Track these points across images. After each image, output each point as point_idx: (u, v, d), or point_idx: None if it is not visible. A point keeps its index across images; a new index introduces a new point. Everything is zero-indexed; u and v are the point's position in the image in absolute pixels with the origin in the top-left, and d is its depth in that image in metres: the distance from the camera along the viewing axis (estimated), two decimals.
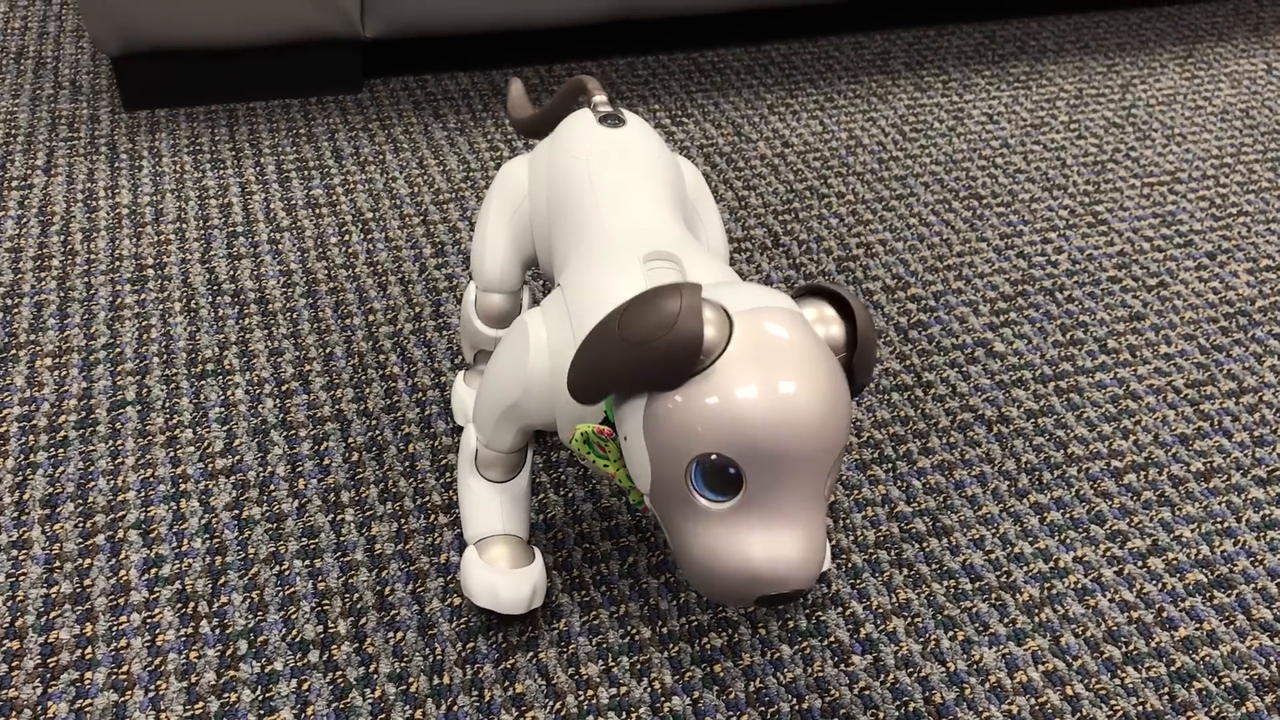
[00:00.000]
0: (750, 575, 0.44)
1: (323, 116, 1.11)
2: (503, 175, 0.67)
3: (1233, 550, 0.70)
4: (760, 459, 0.43)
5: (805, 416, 0.44)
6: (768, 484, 0.44)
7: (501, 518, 0.61)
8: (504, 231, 0.66)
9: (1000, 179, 1.06)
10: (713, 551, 0.45)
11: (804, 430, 0.44)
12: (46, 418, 0.75)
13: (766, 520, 0.44)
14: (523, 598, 0.60)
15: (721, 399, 0.44)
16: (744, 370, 0.44)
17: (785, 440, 0.43)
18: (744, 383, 0.44)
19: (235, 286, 0.88)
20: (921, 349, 0.84)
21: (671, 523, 0.46)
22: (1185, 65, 1.28)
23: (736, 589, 0.45)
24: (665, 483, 0.46)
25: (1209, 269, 0.95)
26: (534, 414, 0.56)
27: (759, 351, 0.44)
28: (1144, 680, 0.62)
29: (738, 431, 0.43)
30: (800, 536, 0.44)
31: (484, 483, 0.61)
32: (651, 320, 0.44)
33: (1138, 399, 0.81)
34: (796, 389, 0.44)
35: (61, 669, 0.60)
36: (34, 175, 1.01)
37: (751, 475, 0.44)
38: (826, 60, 1.26)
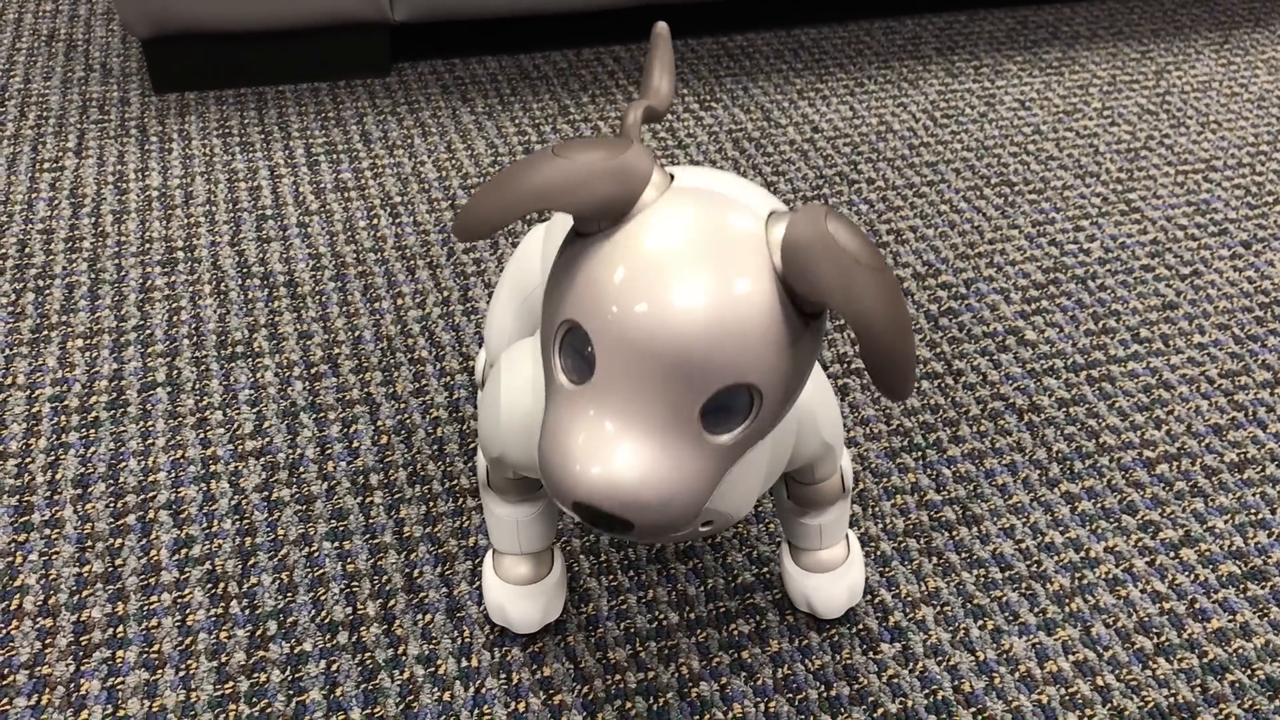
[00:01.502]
0: (566, 471, 0.39)
1: (351, 100, 1.11)
2: (520, 248, 0.63)
3: (1267, 542, 0.69)
4: (611, 341, 0.38)
5: (672, 315, 0.38)
6: (616, 377, 0.39)
7: (517, 538, 0.59)
8: (512, 314, 0.62)
9: (1032, 166, 1.05)
10: (550, 433, 0.40)
11: (663, 328, 0.38)
12: (78, 398, 0.76)
13: (605, 420, 0.39)
14: (530, 619, 0.60)
15: (600, 263, 0.39)
16: (640, 241, 0.39)
17: (639, 330, 0.38)
18: (630, 254, 0.39)
19: (264, 269, 0.88)
20: (952, 337, 0.84)
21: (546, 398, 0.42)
22: (1221, 51, 1.26)
23: (555, 483, 0.40)
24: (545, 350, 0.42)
25: (1244, 258, 0.93)
26: (522, 465, 0.53)
27: (670, 228, 0.39)
28: (1176, 672, 0.61)
29: (597, 302, 0.39)
30: (630, 454, 0.39)
31: (500, 504, 0.58)
32: (599, 147, 0.39)
33: (1170, 389, 0.80)
34: (680, 282, 0.38)
35: (94, 647, 0.60)
36: (65, 158, 1.01)
37: (601, 358, 0.39)
38: (857, 45, 1.25)
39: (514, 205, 0.39)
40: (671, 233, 0.39)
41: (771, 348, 0.39)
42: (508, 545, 0.60)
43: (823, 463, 0.55)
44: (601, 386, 0.39)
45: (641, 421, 0.39)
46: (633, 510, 0.39)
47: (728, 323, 0.38)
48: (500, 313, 0.63)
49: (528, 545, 0.60)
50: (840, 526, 0.61)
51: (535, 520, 0.59)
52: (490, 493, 0.58)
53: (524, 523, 0.59)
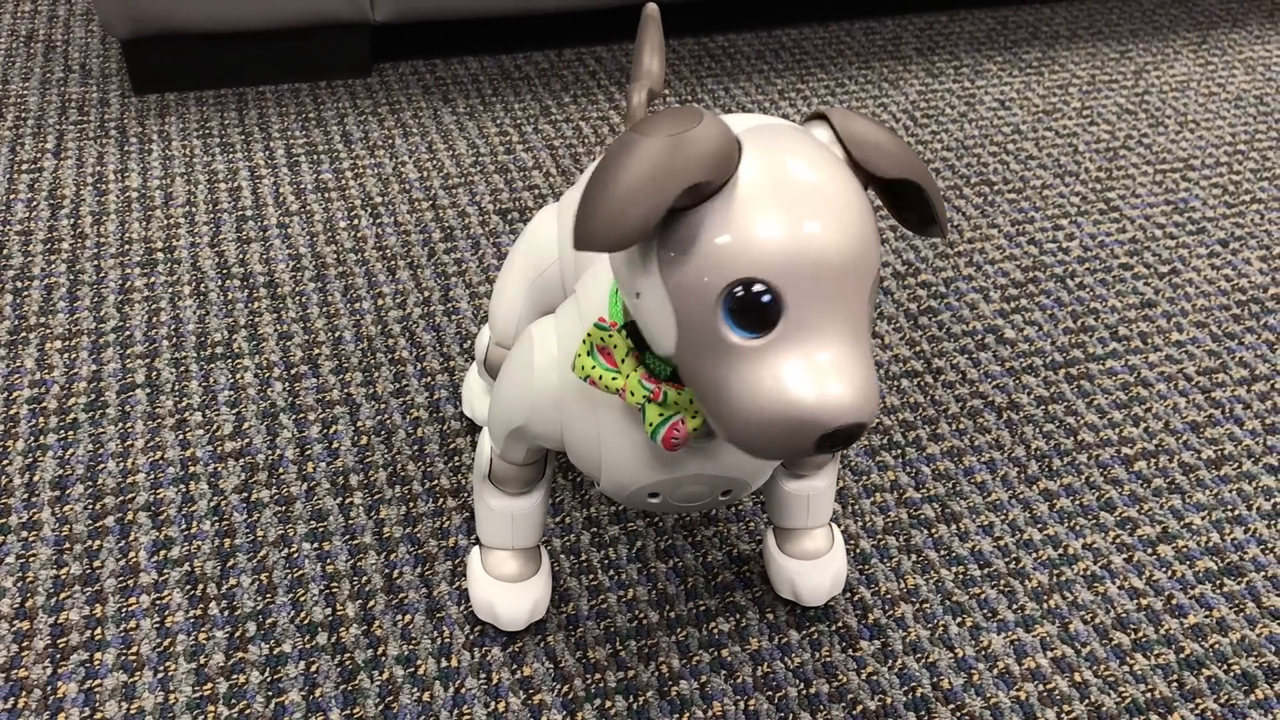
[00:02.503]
0: (805, 412, 0.39)
1: (332, 101, 1.11)
2: (531, 228, 0.63)
3: (1243, 538, 0.69)
4: (801, 277, 0.39)
5: (838, 229, 0.40)
6: (809, 306, 0.40)
7: (510, 533, 0.60)
8: (523, 292, 0.63)
9: (1012, 165, 1.05)
10: (757, 395, 0.40)
11: (842, 240, 0.40)
12: (56, 400, 0.75)
13: (813, 349, 0.40)
14: (519, 616, 0.60)
15: (748, 216, 0.40)
16: (764, 182, 0.40)
17: (825, 253, 0.39)
18: (768, 194, 0.40)
19: (244, 270, 0.88)
20: (932, 335, 0.84)
21: (704, 376, 0.42)
22: (1199, 51, 1.27)
23: (790, 433, 0.40)
24: (694, 330, 0.41)
25: (1221, 256, 0.94)
26: (543, 436, 0.53)
27: (775, 165, 0.40)
28: (1153, 667, 0.62)
29: (772, 249, 0.39)
30: (854, 362, 0.40)
31: (497, 496, 0.59)
32: (674, 120, 0.40)
33: (1149, 386, 0.80)
34: (825, 199, 0.40)
35: (71, 649, 0.60)
36: (44, 159, 1.01)
37: (791, 298, 0.39)
38: (837, 45, 1.25)
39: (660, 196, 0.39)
40: (781, 169, 0.41)
41: (876, 231, 0.42)
42: (499, 540, 0.60)
43: None
44: (797, 321, 0.40)
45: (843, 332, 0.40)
46: (873, 411, 0.41)
47: (867, 216, 0.41)
48: (510, 292, 0.64)
49: (520, 540, 0.60)
50: (827, 502, 0.62)
51: (530, 515, 0.59)
52: (488, 485, 0.59)
53: (518, 517, 0.59)
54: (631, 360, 0.47)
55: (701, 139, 0.40)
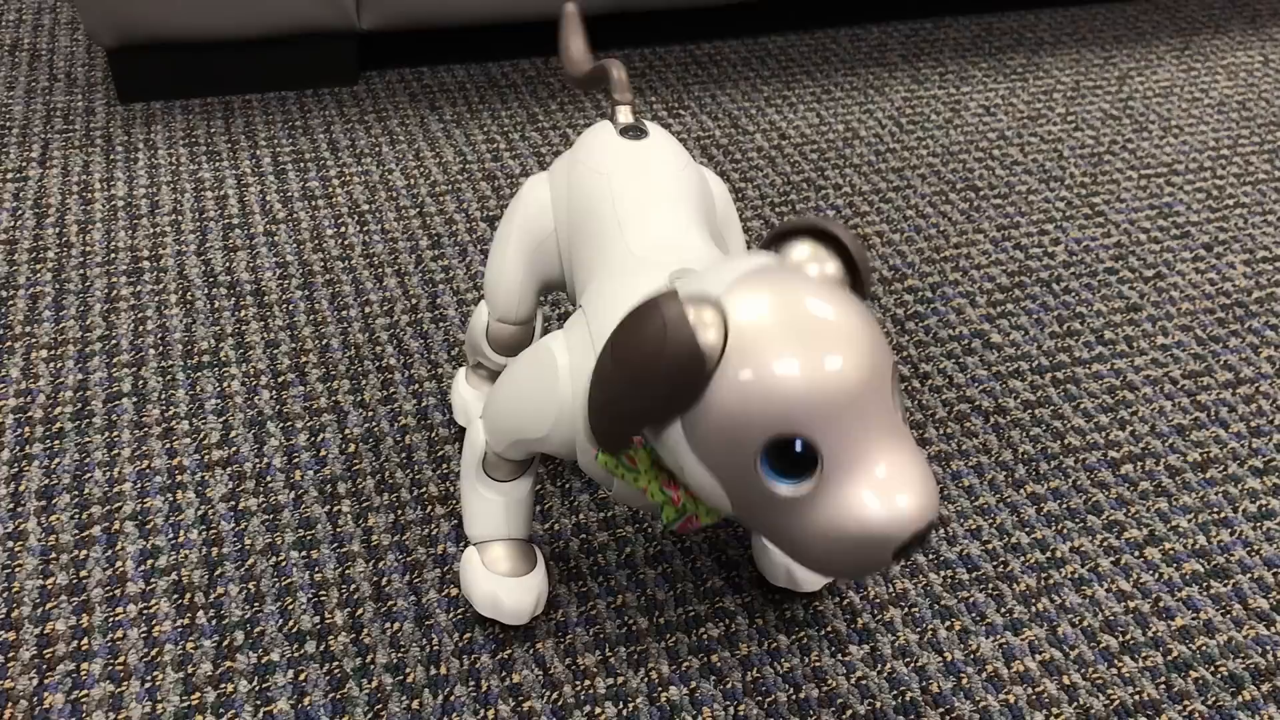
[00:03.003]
0: (878, 535, 0.40)
1: (319, 109, 1.11)
2: (523, 199, 0.63)
3: (1229, 540, 0.70)
4: (825, 418, 0.40)
5: (845, 351, 0.41)
6: (844, 437, 0.41)
7: (505, 520, 0.60)
8: (523, 263, 0.63)
9: (997, 171, 1.06)
10: (827, 533, 0.41)
11: (851, 365, 0.41)
12: (42, 409, 0.75)
13: (863, 472, 0.41)
14: (525, 608, 0.60)
15: (752, 381, 0.41)
16: (759, 342, 0.41)
17: (839, 385, 0.40)
18: (766, 353, 0.41)
19: (231, 278, 0.87)
20: (918, 340, 0.84)
21: (769, 525, 0.43)
22: (1182, 57, 1.28)
23: (869, 556, 0.41)
24: (743, 493, 0.43)
25: (1206, 260, 0.95)
26: (556, 446, 0.54)
27: (763, 319, 0.42)
28: (1141, 670, 0.62)
29: (788, 403, 0.40)
30: (906, 469, 0.41)
31: (489, 483, 0.60)
32: (640, 348, 0.42)
33: (1135, 390, 0.81)
34: (821, 331, 0.41)
35: (58, 660, 0.60)
36: (29, 168, 1.00)
37: (823, 439, 0.41)
38: (823, 52, 1.25)
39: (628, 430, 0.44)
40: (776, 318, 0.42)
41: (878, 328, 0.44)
42: (494, 529, 0.60)
43: None
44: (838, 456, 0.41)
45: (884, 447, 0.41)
46: (938, 503, 0.42)
47: (872, 331, 0.42)
48: (509, 266, 0.63)
49: (515, 528, 0.61)
50: None
51: (522, 501, 0.60)
52: (480, 475, 0.60)
53: (511, 503, 0.60)
54: (653, 470, 0.49)
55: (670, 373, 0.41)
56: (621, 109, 0.63)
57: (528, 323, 0.66)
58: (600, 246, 0.57)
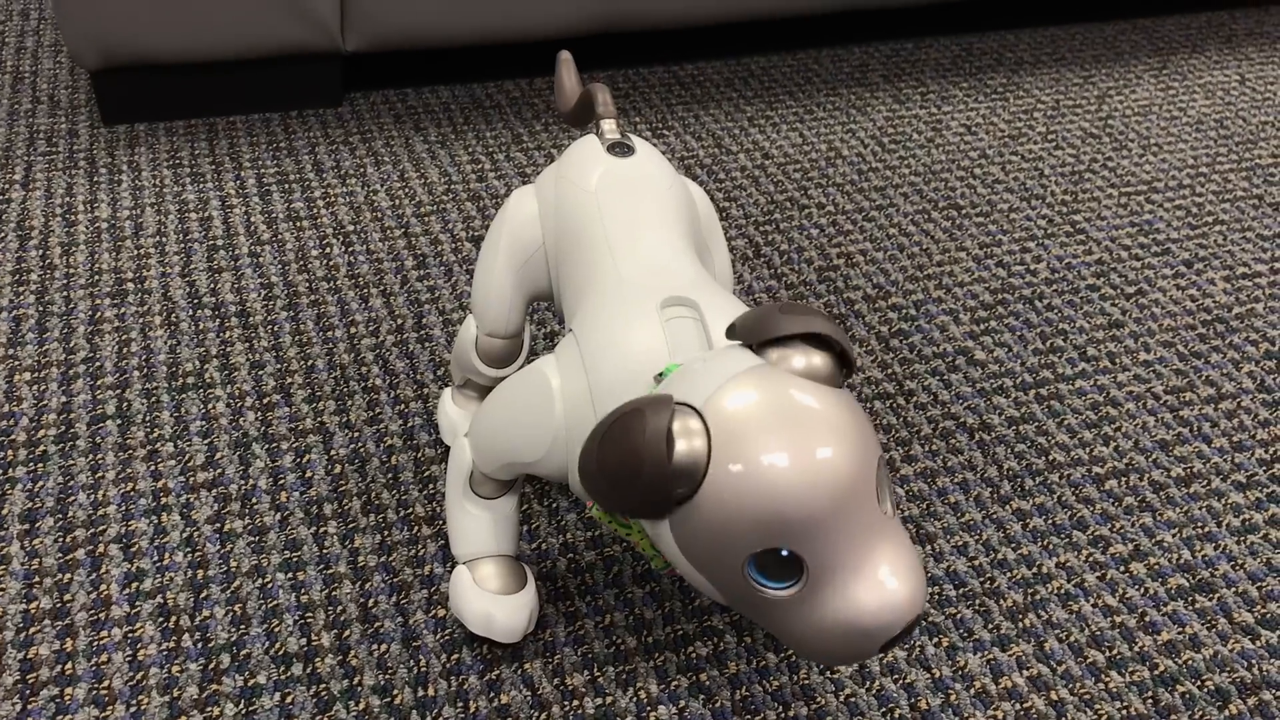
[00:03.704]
0: (865, 632, 0.42)
1: (303, 130, 1.11)
2: (510, 212, 0.63)
3: (1213, 554, 0.70)
4: (804, 530, 0.41)
5: (822, 463, 0.41)
6: (827, 544, 0.41)
7: (494, 536, 0.60)
8: (512, 276, 0.63)
9: (979, 189, 1.06)
10: (819, 630, 0.42)
11: (827, 476, 0.41)
12: (26, 432, 0.75)
13: (849, 574, 0.42)
14: (519, 626, 0.60)
15: (732, 498, 0.41)
16: (743, 455, 0.42)
17: (816, 499, 0.41)
18: (745, 470, 0.41)
19: (216, 300, 0.87)
20: (903, 358, 0.85)
21: (762, 618, 0.44)
22: (1160, 77, 1.29)
23: (858, 650, 0.42)
24: (735, 592, 0.44)
25: (1186, 277, 0.95)
26: (550, 471, 0.54)
27: (744, 430, 0.42)
28: (1128, 684, 0.62)
29: (768, 518, 0.41)
30: (890, 567, 0.42)
31: (476, 500, 0.60)
32: (620, 459, 0.43)
33: (1118, 405, 0.81)
34: (798, 443, 0.41)
35: (41, 685, 0.59)
36: (12, 190, 1.00)
37: (809, 548, 0.41)
38: (805, 73, 1.26)
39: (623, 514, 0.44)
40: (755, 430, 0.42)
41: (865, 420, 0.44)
42: (483, 546, 0.60)
43: None
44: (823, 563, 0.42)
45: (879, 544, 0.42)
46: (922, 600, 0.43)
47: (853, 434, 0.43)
48: (497, 280, 0.63)
49: (503, 544, 0.61)
50: None
51: (509, 517, 0.61)
52: (467, 492, 0.60)
53: (499, 519, 0.60)
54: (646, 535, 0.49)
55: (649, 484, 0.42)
56: (606, 123, 0.63)
57: (517, 336, 0.66)
58: (590, 268, 0.57)
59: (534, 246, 0.62)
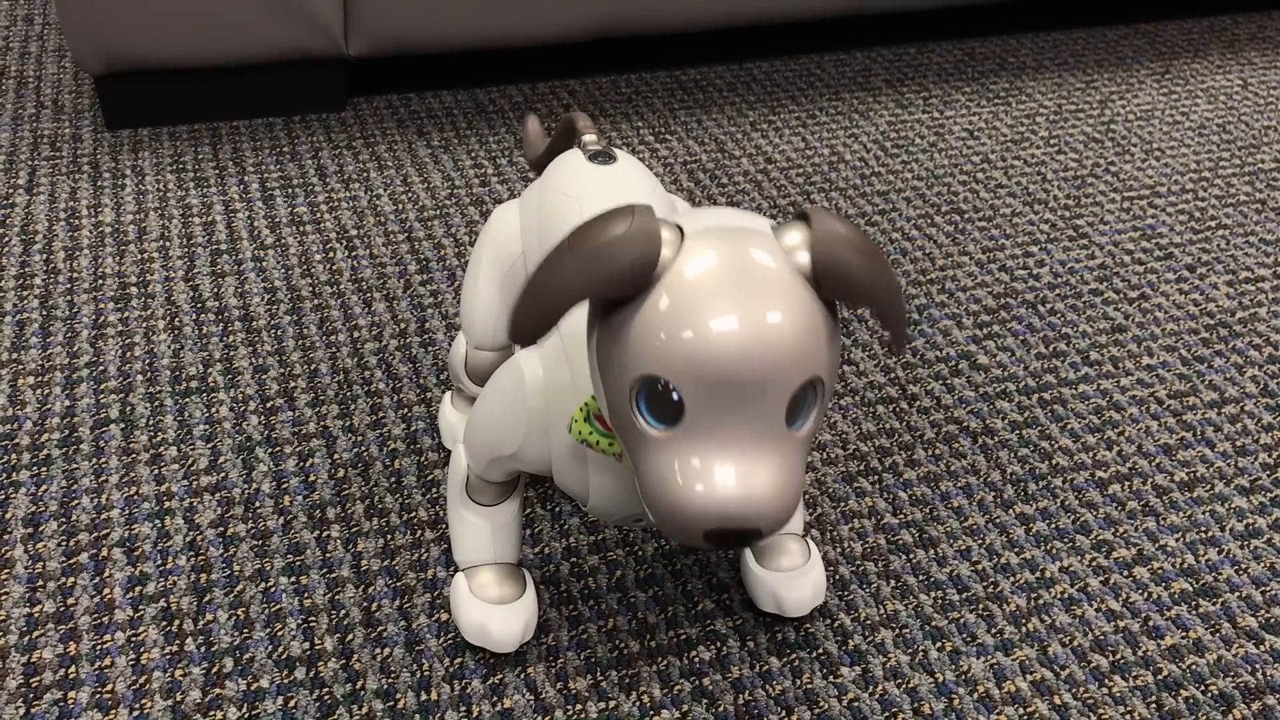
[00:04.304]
0: (690, 508, 0.42)
1: (306, 135, 1.11)
2: (493, 225, 0.64)
3: (1217, 559, 0.70)
4: (698, 382, 0.41)
5: (746, 339, 0.41)
6: (710, 410, 0.41)
7: (492, 545, 0.60)
8: (496, 289, 0.64)
9: (981, 194, 1.06)
10: (659, 480, 0.42)
11: (745, 353, 0.41)
12: (29, 436, 0.75)
13: (712, 449, 0.42)
14: (513, 636, 0.60)
15: (660, 318, 0.42)
16: (686, 289, 0.42)
17: (724, 363, 0.41)
18: (684, 302, 0.41)
19: (219, 304, 0.87)
20: (906, 362, 0.85)
21: (631, 453, 0.44)
22: (1162, 81, 1.29)
23: (681, 521, 0.42)
24: (618, 411, 0.44)
25: (1189, 281, 0.95)
26: (531, 462, 0.55)
27: (706, 270, 0.42)
28: (1131, 689, 0.62)
29: (673, 352, 0.41)
30: (747, 468, 0.42)
31: (474, 507, 0.60)
32: (603, 233, 0.42)
33: (1121, 410, 0.81)
34: (740, 309, 0.41)
35: (45, 689, 0.59)
36: (16, 194, 1.00)
37: (690, 399, 0.41)
38: (808, 77, 1.26)
39: (551, 311, 0.43)
40: (713, 268, 0.42)
41: (824, 339, 0.43)
42: (481, 554, 0.60)
43: None
44: (697, 420, 0.42)
45: (745, 437, 0.42)
46: (765, 518, 0.42)
47: (795, 327, 0.42)
48: (482, 293, 0.64)
49: (501, 553, 0.60)
50: (799, 511, 0.63)
51: (508, 525, 0.60)
52: (465, 499, 0.60)
53: (498, 527, 0.60)
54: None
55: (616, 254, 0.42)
56: (588, 136, 0.64)
57: (505, 349, 0.66)
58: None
59: (513, 257, 0.63)
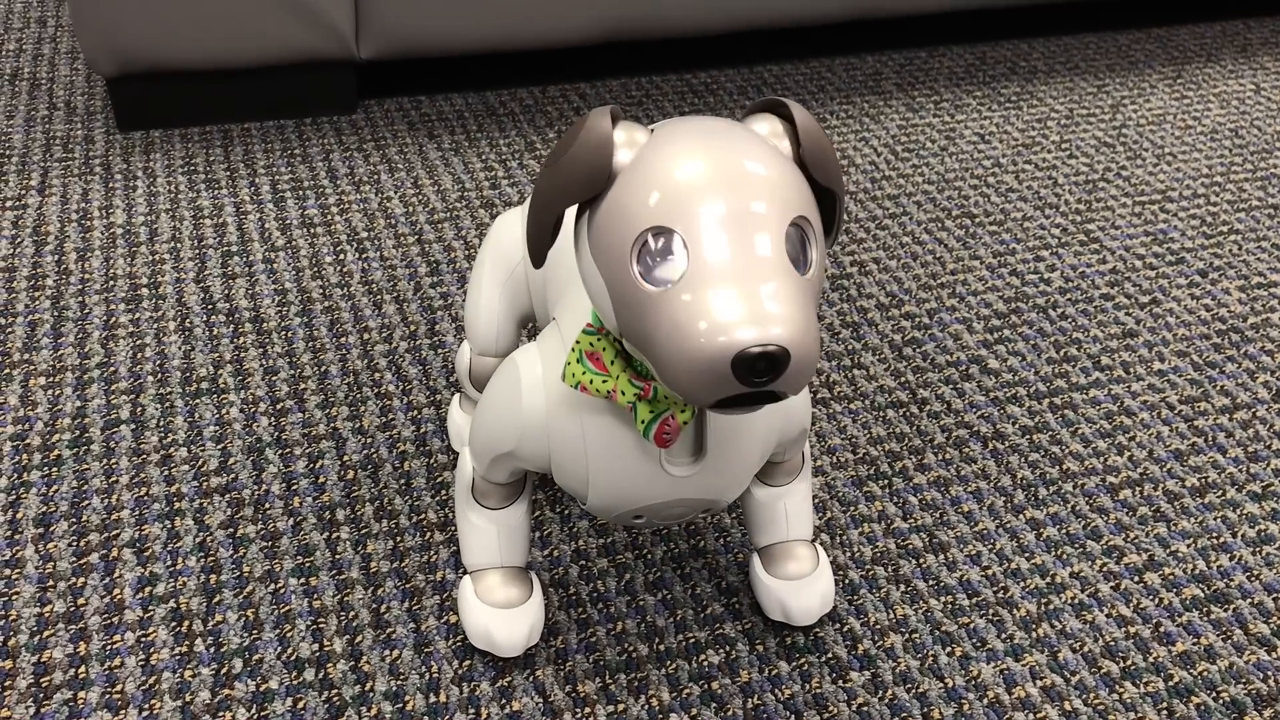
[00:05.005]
0: (713, 337, 0.41)
1: (317, 137, 1.11)
2: (496, 232, 0.65)
3: (1229, 565, 0.70)
4: (693, 213, 0.42)
5: (731, 168, 0.43)
6: (709, 244, 0.42)
7: (498, 549, 0.60)
8: (498, 295, 0.64)
9: (992, 198, 1.06)
10: (673, 329, 0.42)
11: (731, 179, 0.43)
12: (40, 436, 0.75)
13: (721, 280, 0.42)
14: (518, 641, 0.60)
15: (642, 177, 0.44)
16: (662, 153, 0.44)
17: (711, 193, 0.42)
18: (666, 157, 0.44)
19: (230, 305, 0.87)
20: (916, 366, 0.85)
21: (637, 333, 0.44)
22: (1174, 86, 1.29)
23: (706, 360, 0.41)
24: (620, 293, 0.44)
25: (1201, 286, 0.95)
26: (530, 459, 0.55)
27: (678, 142, 0.44)
28: (1142, 695, 0.62)
29: (665, 195, 0.43)
30: (761, 293, 0.42)
31: (481, 511, 0.60)
32: (566, 143, 0.45)
33: (1132, 415, 0.81)
34: (719, 148, 0.43)
35: (55, 688, 0.59)
36: (28, 196, 1.01)
37: (691, 241, 0.42)
38: (819, 81, 1.26)
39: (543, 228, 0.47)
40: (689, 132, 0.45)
41: (806, 195, 0.45)
42: (488, 558, 0.60)
43: (795, 445, 0.58)
44: (702, 265, 0.42)
45: (752, 270, 0.42)
46: (790, 334, 0.42)
47: (775, 165, 0.44)
48: (486, 299, 0.65)
49: (508, 557, 0.60)
50: (805, 513, 0.63)
51: (515, 529, 0.60)
52: (471, 503, 0.60)
53: (504, 531, 0.60)
54: (620, 362, 0.49)
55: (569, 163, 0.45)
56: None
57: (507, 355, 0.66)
58: (574, 265, 0.57)
59: (515, 264, 0.64)
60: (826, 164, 0.47)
